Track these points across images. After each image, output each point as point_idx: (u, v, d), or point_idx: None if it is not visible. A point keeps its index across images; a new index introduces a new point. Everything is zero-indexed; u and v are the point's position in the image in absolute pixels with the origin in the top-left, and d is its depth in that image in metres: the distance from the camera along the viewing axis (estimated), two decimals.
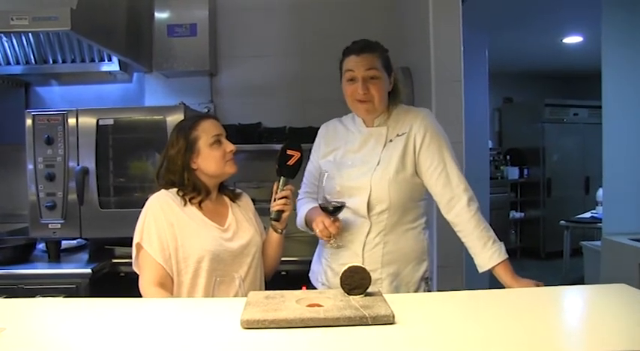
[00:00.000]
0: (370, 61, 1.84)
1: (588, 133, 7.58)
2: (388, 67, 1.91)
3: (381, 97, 1.87)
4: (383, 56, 1.89)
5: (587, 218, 5.55)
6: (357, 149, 1.93)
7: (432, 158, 1.86)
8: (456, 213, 1.83)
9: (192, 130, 1.81)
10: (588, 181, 7.61)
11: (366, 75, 1.83)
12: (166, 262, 1.69)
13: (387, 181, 1.84)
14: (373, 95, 1.85)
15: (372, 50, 1.86)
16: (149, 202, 1.77)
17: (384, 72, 1.88)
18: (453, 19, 2.59)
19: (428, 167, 1.87)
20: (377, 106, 1.88)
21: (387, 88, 1.90)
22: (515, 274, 1.75)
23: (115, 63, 3.27)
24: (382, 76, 1.86)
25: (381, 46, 1.92)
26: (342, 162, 1.93)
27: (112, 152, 2.76)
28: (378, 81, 1.85)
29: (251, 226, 1.90)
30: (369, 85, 1.84)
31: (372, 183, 1.85)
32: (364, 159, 1.90)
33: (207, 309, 1.43)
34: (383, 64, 1.87)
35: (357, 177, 1.87)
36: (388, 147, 1.89)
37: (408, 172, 1.87)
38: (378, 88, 1.85)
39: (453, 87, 2.59)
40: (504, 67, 7.00)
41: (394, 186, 1.84)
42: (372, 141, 1.92)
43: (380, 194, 1.84)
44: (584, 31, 5.62)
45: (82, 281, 2.52)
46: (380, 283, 1.86)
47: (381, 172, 1.85)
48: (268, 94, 3.51)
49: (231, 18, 3.53)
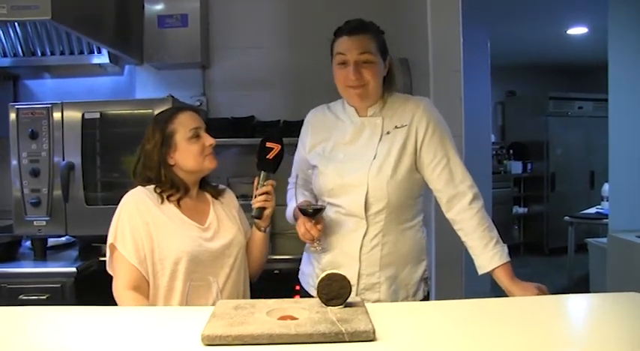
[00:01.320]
0: (364, 43, 1.69)
1: (593, 126, 7.46)
2: (384, 51, 1.75)
3: (376, 82, 1.72)
4: (378, 38, 1.74)
5: (593, 214, 5.41)
6: (350, 141, 1.78)
7: (435, 152, 1.72)
8: (457, 211, 1.70)
9: (168, 123, 1.71)
10: (593, 176, 7.48)
11: (358, 59, 1.68)
12: (141, 264, 1.59)
13: (386, 177, 1.69)
14: (367, 80, 1.70)
15: (365, 31, 1.71)
16: (124, 199, 1.67)
17: (379, 56, 1.72)
18: (452, 7, 2.49)
19: (430, 162, 1.73)
20: (371, 92, 1.73)
21: (382, 73, 1.75)
22: (515, 278, 1.63)
23: (105, 55, 3.18)
24: (377, 61, 1.71)
25: (376, 27, 1.76)
26: (332, 156, 1.79)
27: (99, 147, 2.67)
28: (372, 65, 1.70)
29: (234, 225, 1.79)
30: (362, 70, 1.69)
31: (369, 180, 1.70)
32: (358, 152, 1.75)
33: (168, 320, 1.30)
34: (378, 46, 1.72)
35: (352, 173, 1.73)
36: (385, 140, 1.74)
37: (407, 167, 1.72)
38: (372, 73, 1.70)
39: (452, 78, 2.49)
40: (507, 60, 6.87)
41: (393, 183, 1.70)
42: (367, 132, 1.77)
43: (377, 192, 1.70)
44: (589, 21, 5.49)
45: (67, 280, 2.45)
46: (378, 288, 1.75)
47: (378, 168, 1.70)
48: (262, 86, 3.41)
49: (223, 9, 3.43)
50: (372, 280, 1.75)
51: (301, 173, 1.91)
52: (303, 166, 1.91)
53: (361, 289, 1.75)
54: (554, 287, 5.38)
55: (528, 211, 7.72)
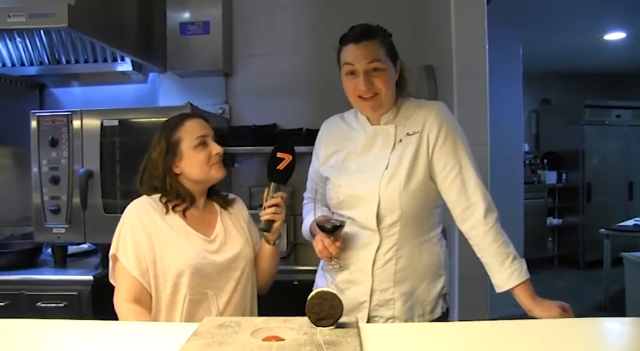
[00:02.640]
0: (372, 51, 1.60)
1: (632, 135, 7.27)
2: (393, 55, 1.67)
3: (388, 90, 1.63)
4: (386, 42, 1.65)
5: (631, 226, 5.21)
6: (362, 151, 1.71)
7: (447, 159, 1.63)
8: (471, 225, 1.60)
9: (174, 131, 1.66)
10: (632, 187, 7.24)
11: (368, 68, 1.60)
12: (143, 276, 1.54)
13: (398, 188, 1.61)
14: (379, 89, 1.62)
15: (372, 37, 1.62)
16: (127, 209, 1.63)
17: (389, 61, 1.64)
18: (477, 11, 2.40)
19: (442, 169, 1.63)
20: (384, 101, 1.65)
21: (393, 79, 1.66)
22: (536, 296, 1.52)
23: (128, 63, 3.19)
24: (387, 67, 1.62)
25: (383, 31, 1.68)
26: (344, 167, 1.72)
27: (118, 154, 2.66)
28: (382, 73, 1.61)
29: (242, 237, 1.73)
30: (373, 79, 1.61)
31: (381, 191, 1.62)
32: (370, 163, 1.67)
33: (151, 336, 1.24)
34: (387, 51, 1.63)
35: (363, 184, 1.65)
36: (397, 148, 1.66)
37: (421, 177, 1.63)
38: (383, 81, 1.61)
39: (477, 83, 2.38)
40: (541, 67, 6.71)
41: (406, 193, 1.61)
42: (379, 141, 1.69)
43: (390, 204, 1.62)
44: (628, 26, 5.30)
45: (84, 288, 2.44)
46: (392, 304, 1.66)
47: (389, 178, 1.62)
48: (284, 94, 3.37)
49: (246, 16, 3.41)
50: (385, 297, 1.66)
51: (320, 188, 1.83)
52: (319, 180, 1.84)
53: (374, 306, 1.67)
54: (589, 302, 5.29)
55: (563, 222, 7.47)
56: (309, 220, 1.78)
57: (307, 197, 1.93)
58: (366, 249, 1.66)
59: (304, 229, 1.84)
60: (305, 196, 1.95)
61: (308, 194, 1.92)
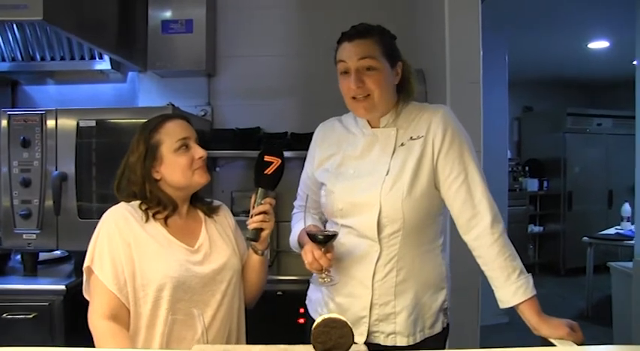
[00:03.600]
0: (364, 48, 1.53)
1: (612, 144, 7.32)
2: (392, 56, 1.58)
3: (382, 91, 1.55)
4: (384, 42, 1.56)
5: (612, 235, 5.21)
6: (360, 155, 1.62)
7: (452, 166, 1.54)
8: (475, 235, 1.52)
9: (153, 132, 1.54)
10: (611, 195, 7.29)
11: (359, 65, 1.53)
12: (121, 291, 1.42)
13: (400, 195, 1.52)
14: (371, 89, 1.53)
15: (367, 35, 1.55)
16: (104, 217, 1.51)
17: (385, 61, 1.55)
18: (471, 14, 2.32)
19: (447, 176, 1.54)
20: (377, 102, 1.55)
21: (389, 80, 1.57)
22: (542, 314, 1.44)
23: (107, 61, 3.07)
24: (382, 67, 1.54)
25: (383, 30, 1.59)
26: (341, 171, 1.63)
27: (94, 157, 2.53)
28: (375, 72, 1.53)
29: (228, 247, 1.61)
30: (365, 78, 1.53)
31: (382, 198, 1.53)
32: (370, 168, 1.58)
33: None
34: (384, 51, 1.55)
35: (363, 191, 1.56)
36: (399, 152, 1.57)
37: (425, 183, 1.55)
38: (375, 81, 1.53)
39: (471, 89, 2.31)
40: (524, 75, 6.71)
41: (409, 201, 1.52)
42: (379, 145, 1.60)
43: (391, 212, 1.52)
44: (611, 35, 5.32)
45: (55, 299, 2.29)
46: (393, 319, 1.57)
47: (391, 184, 1.53)
48: (269, 96, 3.27)
49: (230, 15, 3.30)
50: (386, 311, 1.57)
51: (312, 194, 1.74)
52: (313, 185, 1.74)
53: (374, 321, 1.57)
54: (572, 311, 5.27)
55: (544, 229, 7.49)
56: (298, 229, 1.68)
57: (298, 206, 1.83)
58: (364, 260, 1.57)
59: (292, 240, 1.74)
60: (295, 204, 1.84)
61: (299, 202, 1.82)
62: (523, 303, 1.44)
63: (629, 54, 5.93)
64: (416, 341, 1.58)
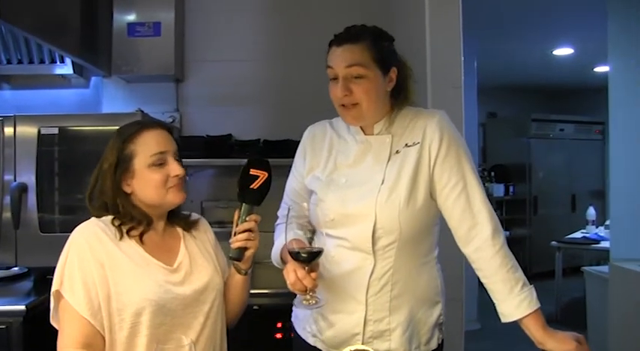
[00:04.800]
0: (352, 54, 1.45)
1: (574, 149, 7.50)
2: (385, 61, 1.49)
3: (371, 100, 1.47)
4: (377, 47, 1.48)
5: (579, 238, 5.30)
6: (353, 163, 1.54)
7: (450, 173, 1.47)
8: (476, 247, 1.45)
9: (127, 142, 1.40)
10: (574, 199, 7.45)
11: (347, 73, 1.45)
12: (94, 316, 1.28)
13: (397, 205, 1.44)
14: (359, 98, 1.46)
15: (357, 40, 1.46)
16: (73, 235, 1.36)
17: (377, 68, 1.47)
18: (453, 18, 2.29)
19: (444, 185, 1.48)
20: (365, 112, 1.48)
21: (380, 88, 1.49)
22: (547, 327, 1.38)
23: (69, 65, 2.93)
24: (371, 75, 1.46)
25: (378, 33, 1.52)
26: (332, 179, 1.54)
27: (57, 166, 2.40)
28: (364, 81, 1.45)
29: (209, 265, 1.49)
30: (352, 86, 1.45)
31: (378, 209, 1.45)
32: (364, 176, 1.51)
33: None
34: (375, 57, 1.46)
35: (357, 201, 1.47)
36: (394, 160, 1.50)
37: (422, 193, 1.48)
38: (364, 90, 1.45)
39: (453, 94, 2.27)
40: (489, 81, 6.77)
41: (406, 212, 1.45)
42: (373, 152, 1.53)
43: (387, 223, 1.45)
44: (576, 42, 5.41)
45: (13, 321, 2.10)
46: (388, 336, 1.49)
47: (387, 194, 1.45)
48: (240, 103, 3.17)
49: (200, 18, 3.19)
50: (380, 327, 1.49)
51: (300, 201, 1.64)
52: (303, 192, 1.65)
53: (368, 338, 1.49)
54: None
55: (511, 234, 7.55)
56: (280, 244, 1.57)
57: (282, 216, 1.70)
58: (357, 274, 1.48)
59: (274, 255, 1.62)
60: (279, 214, 1.72)
61: (283, 212, 1.69)
62: (527, 317, 1.38)
63: (591, 61, 6.10)
64: None
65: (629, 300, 2.88)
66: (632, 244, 3.01)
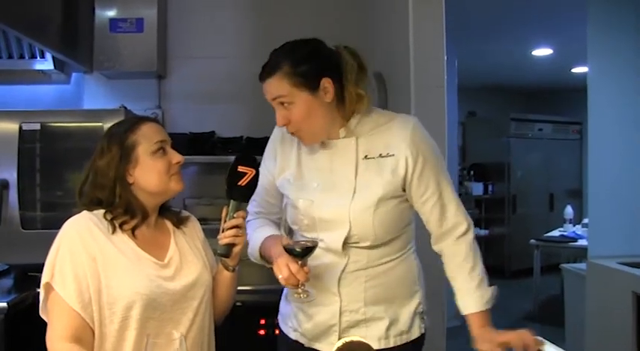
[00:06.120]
0: (272, 88, 1.44)
1: (552, 148, 7.61)
2: (310, 80, 1.45)
3: (310, 122, 1.46)
4: (295, 71, 1.44)
5: (557, 237, 5.38)
6: (322, 166, 1.54)
7: (427, 186, 1.49)
8: (443, 246, 1.54)
9: (129, 133, 1.41)
10: (552, 198, 7.55)
11: (277, 104, 1.46)
12: (85, 309, 1.28)
13: (371, 214, 1.46)
14: (297, 123, 1.46)
15: (274, 71, 1.44)
16: (64, 228, 1.36)
17: (302, 90, 1.44)
18: (436, 16, 2.31)
19: (421, 195, 1.50)
20: (312, 132, 1.49)
21: (315, 105, 1.45)
22: (487, 326, 1.46)
23: (49, 61, 2.91)
24: (298, 99, 1.44)
25: (292, 56, 1.46)
26: (304, 184, 1.54)
27: (38, 162, 2.37)
28: (294, 106, 1.44)
29: (199, 261, 1.49)
30: (287, 114, 1.45)
31: (352, 217, 1.46)
32: (335, 181, 1.51)
33: None
34: (296, 82, 1.43)
35: (330, 207, 1.48)
36: (366, 167, 1.50)
37: (396, 202, 1.51)
38: (297, 115, 1.45)
39: (436, 93, 2.29)
40: (468, 81, 6.82)
41: (379, 218, 1.47)
42: (338, 156, 1.53)
43: (361, 230, 1.47)
44: (555, 43, 5.49)
45: None
46: (364, 325, 1.52)
47: (361, 203, 1.47)
48: (223, 99, 3.17)
49: (183, 14, 3.19)
50: (356, 317, 1.52)
51: (270, 199, 1.65)
52: (273, 191, 1.64)
53: (344, 328, 1.52)
54: (519, 312, 5.38)
55: (489, 233, 7.65)
56: (258, 238, 1.58)
57: (253, 212, 1.69)
58: (331, 269, 1.51)
59: (251, 250, 1.61)
60: (249, 210, 1.68)
61: (254, 209, 1.69)
62: (478, 313, 1.47)
63: (569, 62, 6.19)
64: (389, 345, 1.53)
65: (606, 297, 2.93)
66: (608, 241, 3.07)
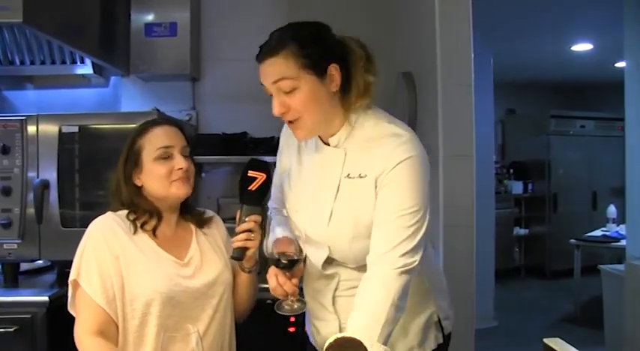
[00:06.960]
0: (276, 68, 1.29)
1: (595, 146, 7.40)
2: (319, 62, 1.31)
3: (312, 111, 1.32)
4: (303, 51, 1.30)
5: (599, 237, 5.22)
6: (312, 174, 1.45)
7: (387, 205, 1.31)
8: (372, 273, 1.29)
9: (137, 137, 1.48)
10: (595, 197, 7.35)
11: (276, 89, 1.31)
12: (109, 305, 1.35)
13: (348, 240, 1.36)
14: (298, 112, 1.31)
15: (278, 51, 1.29)
16: (90, 228, 1.44)
17: (309, 74, 1.30)
18: (463, 15, 2.30)
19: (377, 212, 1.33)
20: (311, 124, 1.34)
21: (320, 93, 1.32)
22: None
23: (89, 65, 2.98)
24: (304, 84, 1.29)
25: (300, 34, 1.34)
26: (296, 194, 1.49)
27: (77, 163, 2.45)
28: (297, 92, 1.29)
29: (220, 260, 1.54)
30: (287, 100, 1.30)
31: (329, 242, 1.39)
32: (317, 197, 1.41)
33: None
34: (304, 63, 1.29)
35: (310, 224, 1.42)
36: (348, 188, 1.37)
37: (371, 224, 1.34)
38: (300, 102, 1.30)
39: (463, 92, 2.28)
40: (508, 77, 6.72)
41: (358, 245, 1.35)
42: (326, 167, 1.42)
43: (340, 253, 1.39)
44: (595, 38, 5.35)
45: (38, 311, 2.20)
46: None
47: (337, 230, 1.37)
48: (255, 101, 3.11)
49: (215, 18, 3.24)
50: None
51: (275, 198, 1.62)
52: (279, 193, 1.60)
53: None
54: (559, 313, 5.28)
55: (529, 232, 7.50)
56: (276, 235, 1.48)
57: (272, 208, 1.65)
58: (325, 286, 1.45)
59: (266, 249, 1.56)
60: (270, 206, 1.66)
61: (272, 204, 1.65)
62: None
63: (611, 57, 6.01)
64: None
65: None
66: None
